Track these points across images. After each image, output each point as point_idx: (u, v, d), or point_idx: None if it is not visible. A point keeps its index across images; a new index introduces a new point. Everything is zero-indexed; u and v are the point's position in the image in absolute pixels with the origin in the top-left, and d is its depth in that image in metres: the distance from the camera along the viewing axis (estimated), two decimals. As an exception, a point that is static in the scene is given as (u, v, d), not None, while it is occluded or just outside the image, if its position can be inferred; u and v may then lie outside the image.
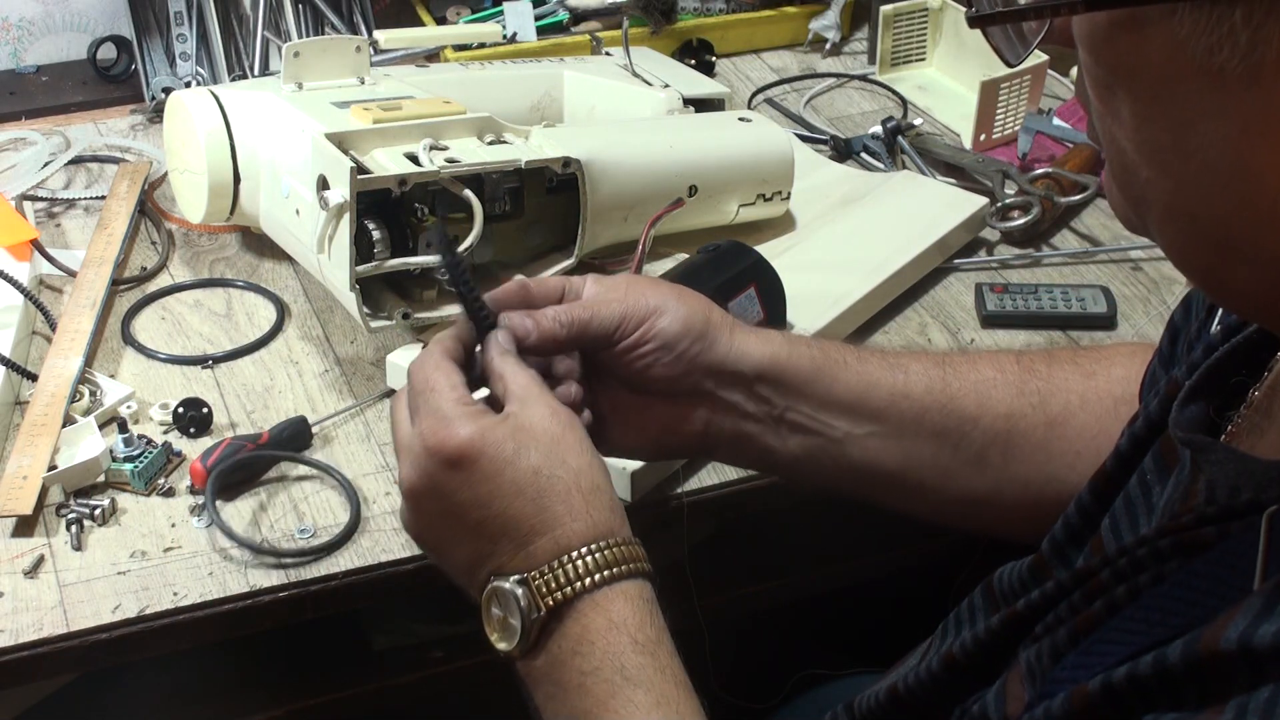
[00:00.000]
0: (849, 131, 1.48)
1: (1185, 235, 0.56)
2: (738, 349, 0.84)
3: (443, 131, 1.11)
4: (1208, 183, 0.52)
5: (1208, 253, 0.56)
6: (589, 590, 0.71)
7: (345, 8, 1.51)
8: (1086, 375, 0.90)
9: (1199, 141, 0.52)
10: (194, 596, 0.93)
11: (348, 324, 1.18)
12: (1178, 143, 0.52)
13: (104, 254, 1.22)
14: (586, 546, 0.72)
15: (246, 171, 1.17)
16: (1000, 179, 1.35)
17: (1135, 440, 0.72)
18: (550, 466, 0.72)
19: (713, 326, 0.84)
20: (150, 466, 1.01)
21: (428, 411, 0.74)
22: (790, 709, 1.12)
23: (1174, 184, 0.54)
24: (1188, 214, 0.55)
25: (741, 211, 1.26)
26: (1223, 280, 0.57)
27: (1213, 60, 0.49)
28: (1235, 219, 0.53)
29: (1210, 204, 0.53)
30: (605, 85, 1.38)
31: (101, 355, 1.15)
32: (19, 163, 1.36)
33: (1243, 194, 0.52)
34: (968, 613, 0.80)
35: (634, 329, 0.82)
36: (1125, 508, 0.70)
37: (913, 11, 1.58)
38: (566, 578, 0.71)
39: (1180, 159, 0.53)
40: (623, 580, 0.72)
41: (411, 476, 0.74)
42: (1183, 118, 0.52)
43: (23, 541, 0.97)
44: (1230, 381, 0.67)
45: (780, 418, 0.85)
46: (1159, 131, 0.53)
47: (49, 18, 1.57)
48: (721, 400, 0.85)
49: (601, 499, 0.74)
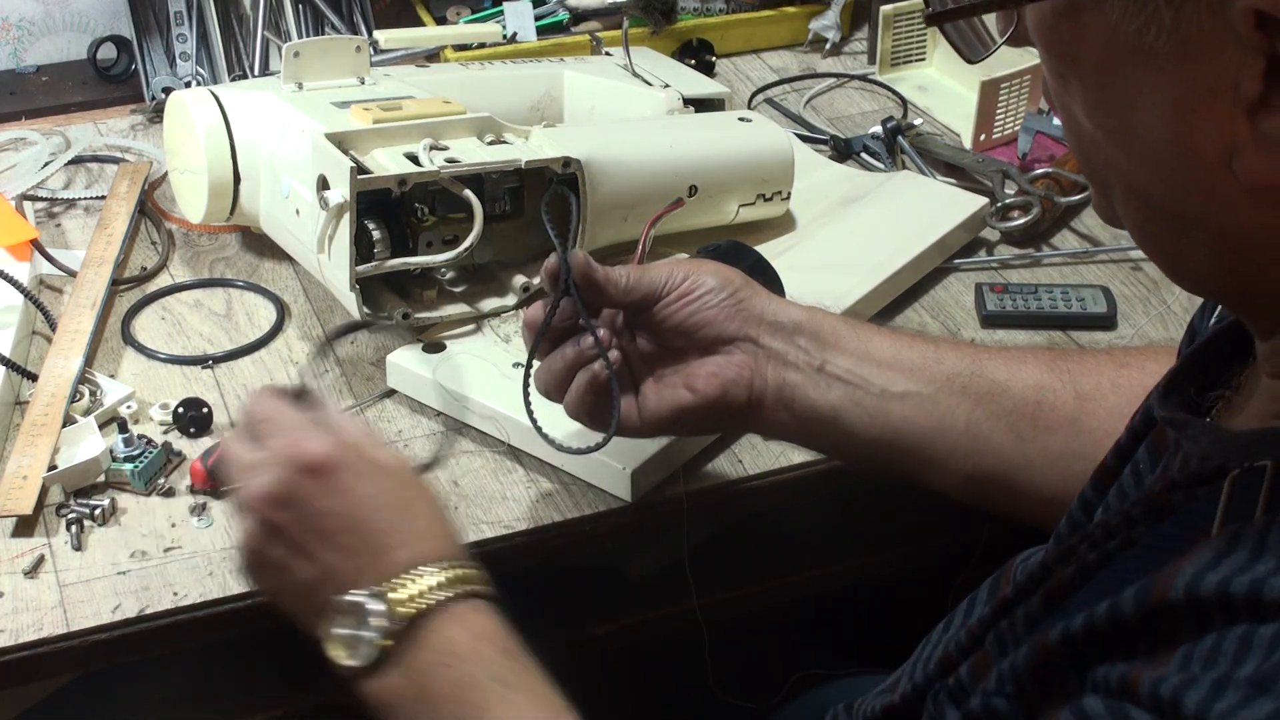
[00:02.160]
0: (849, 131, 1.48)
1: (1144, 215, 0.58)
2: (775, 304, 0.91)
3: (443, 131, 1.11)
4: (1153, 160, 0.55)
5: (1166, 231, 0.58)
6: (446, 604, 0.73)
7: (345, 8, 1.51)
8: (1120, 365, 0.92)
9: (1141, 120, 0.54)
10: (194, 596, 0.93)
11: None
12: (1124, 124, 0.55)
13: (104, 254, 1.22)
14: (440, 564, 0.74)
15: (246, 171, 1.17)
16: (1000, 179, 1.35)
17: (1134, 434, 0.73)
18: (411, 487, 0.76)
19: (749, 285, 0.91)
20: (150, 466, 1.01)
21: (279, 429, 0.76)
22: (789, 709, 1.12)
23: (1127, 164, 0.57)
24: (1143, 193, 0.57)
25: (741, 211, 1.26)
26: (1182, 259, 0.59)
27: (1143, 41, 0.52)
28: (1184, 194, 0.55)
29: (1159, 181, 0.55)
30: (605, 85, 1.38)
31: (101, 355, 1.15)
32: (19, 163, 1.36)
33: (1185, 168, 0.54)
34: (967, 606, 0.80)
35: (680, 280, 0.89)
36: (1118, 494, 0.71)
37: (913, 11, 1.58)
38: (422, 590, 0.72)
39: (1128, 139, 0.55)
40: (474, 598, 0.74)
41: (266, 486, 0.74)
42: (1124, 99, 0.54)
43: (23, 541, 0.97)
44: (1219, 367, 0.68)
45: (820, 368, 0.90)
46: (1106, 115, 0.56)
47: (49, 18, 1.57)
48: (765, 348, 0.90)
49: (450, 528, 0.78)
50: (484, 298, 1.15)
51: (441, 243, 1.10)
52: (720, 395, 0.89)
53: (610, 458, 1.00)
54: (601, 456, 1.00)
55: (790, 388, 0.89)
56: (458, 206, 1.09)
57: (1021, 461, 0.89)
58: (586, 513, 1.01)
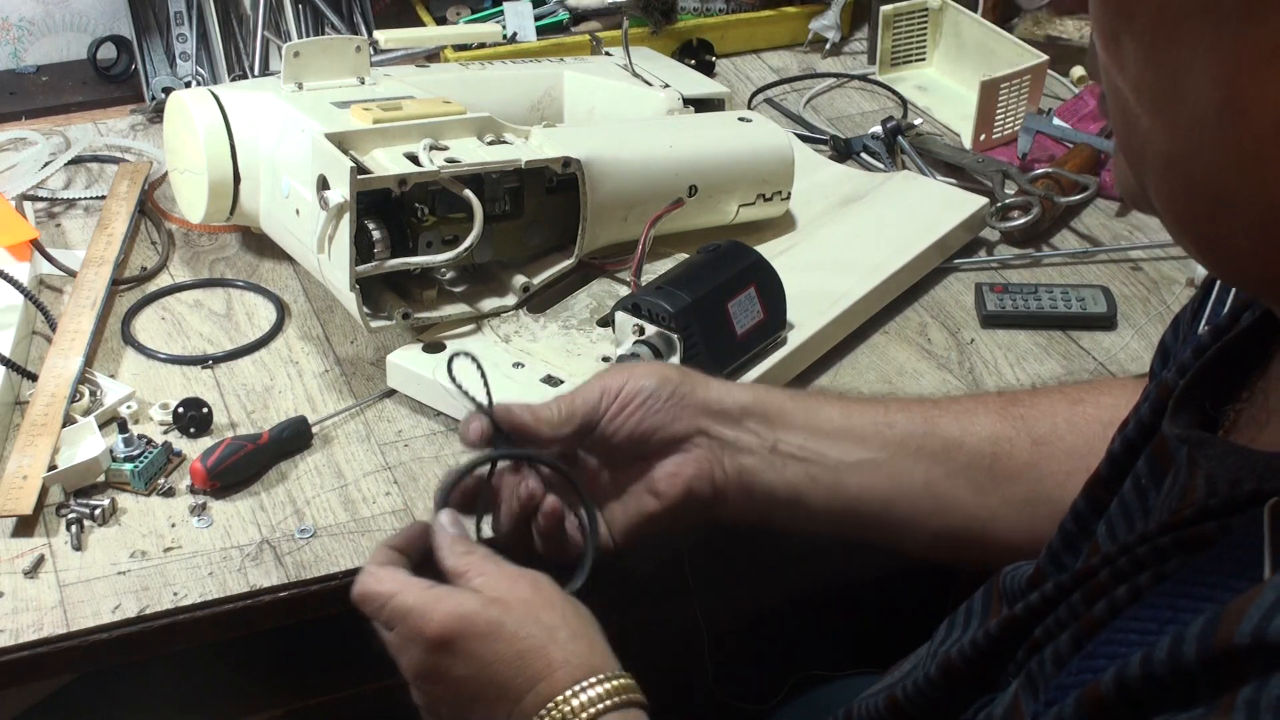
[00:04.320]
0: (849, 131, 1.48)
1: (1182, 192, 0.56)
2: (717, 390, 0.89)
3: (443, 131, 1.11)
4: (1203, 126, 0.53)
5: (1204, 213, 0.56)
6: (608, 711, 0.74)
7: (345, 8, 1.51)
8: (1073, 402, 0.91)
9: (1195, 83, 0.52)
10: (194, 596, 0.93)
11: (348, 324, 1.18)
12: (1175, 87, 0.53)
13: (104, 254, 1.22)
14: (572, 689, 0.74)
15: (246, 171, 1.17)
16: (1000, 179, 1.35)
17: (1128, 444, 0.72)
18: (526, 628, 0.76)
19: (688, 376, 0.89)
20: (150, 466, 1.01)
21: (397, 615, 0.77)
22: (789, 710, 1.12)
23: (1170, 133, 0.54)
24: (1184, 170, 0.55)
25: (741, 211, 1.26)
26: (1221, 244, 0.56)
27: None
28: (1228, 168, 0.53)
29: (1204, 154, 0.53)
30: (605, 85, 1.38)
31: (101, 355, 1.15)
32: (19, 163, 1.36)
33: (1233, 138, 0.52)
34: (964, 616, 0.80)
35: (616, 393, 0.87)
36: (1121, 511, 0.70)
37: (913, 11, 1.58)
38: (584, 703, 0.74)
39: (1177, 108, 0.53)
40: (619, 710, 0.74)
41: (410, 666, 0.78)
42: (1180, 59, 0.52)
43: (23, 541, 0.97)
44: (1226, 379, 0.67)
45: (774, 448, 0.89)
46: (1157, 76, 0.54)
47: (49, 18, 1.57)
48: (717, 438, 0.89)
49: (580, 644, 0.77)
50: (484, 298, 1.15)
51: (441, 243, 1.10)
52: (685, 495, 0.88)
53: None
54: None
55: (748, 473, 0.89)
56: (458, 206, 1.09)
57: (985, 515, 0.89)
58: (586, 513, 1.01)
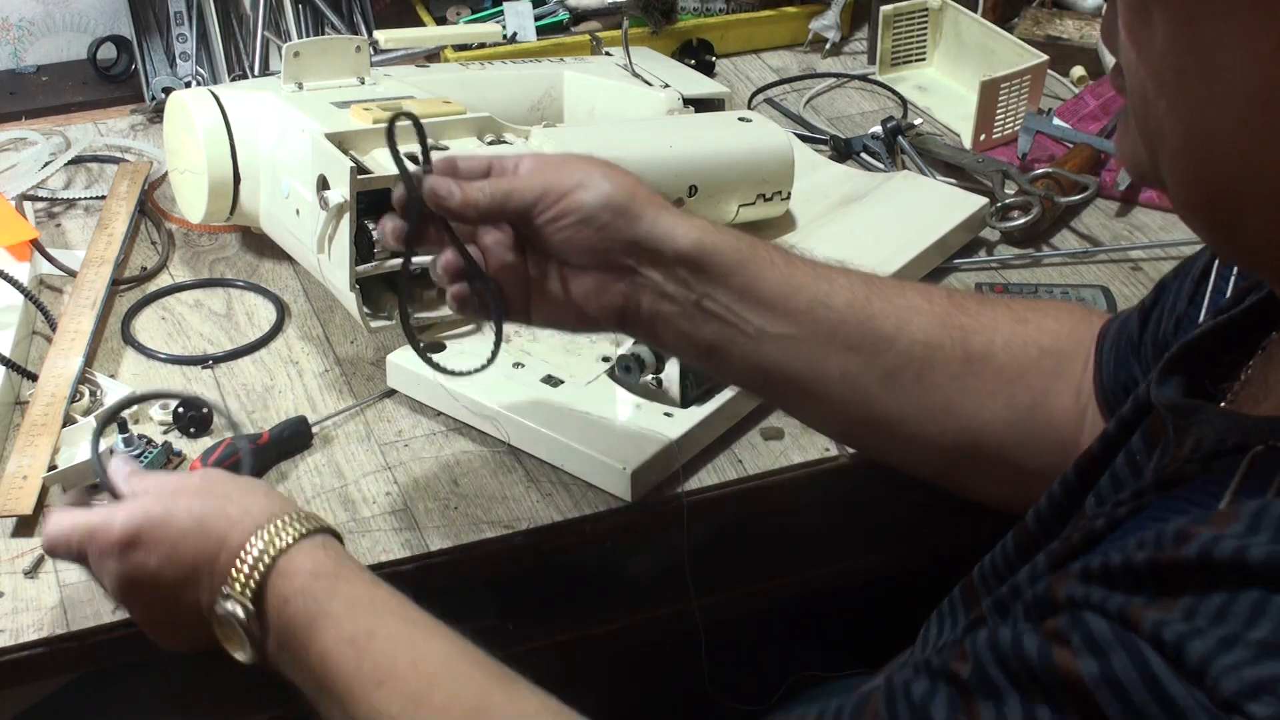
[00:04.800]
0: (849, 131, 1.48)
1: (1198, 172, 0.55)
2: (661, 229, 0.85)
3: (443, 131, 1.11)
4: (1230, 110, 0.52)
5: (1221, 193, 0.55)
6: (271, 565, 0.76)
7: (345, 8, 1.51)
8: (1017, 320, 0.89)
9: (1228, 63, 0.51)
10: (194, 596, 0.93)
11: (348, 324, 1.18)
12: (1205, 67, 0.52)
13: (104, 254, 1.22)
14: (251, 538, 0.77)
15: (246, 171, 1.17)
16: (1000, 179, 1.35)
17: (1122, 423, 0.72)
18: (199, 502, 0.79)
19: (636, 203, 0.85)
20: (150, 466, 1.01)
21: (85, 539, 0.80)
22: (786, 711, 1.11)
23: (1194, 111, 0.54)
24: (1204, 147, 0.54)
25: (741, 211, 1.26)
26: (1230, 225, 0.56)
27: None
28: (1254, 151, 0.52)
29: (1229, 134, 0.53)
30: (605, 85, 1.38)
31: (101, 355, 1.15)
32: (19, 163, 1.36)
33: (1265, 121, 0.51)
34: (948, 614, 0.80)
35: (553, 202, 0.84)
36: (1111, 483, 0.70)
37: (913, 11, 1.58)
38: (249, 568, 0.76)
39: (1205, 84, 0.53)
40: (310, 537, 0.78)
41: (112, 584, 0.80)
42: (1214, 37, 0.52)
43: (23, 541, 0.97)
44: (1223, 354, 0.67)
45: (697, 304, 0.86)
46: (1187, 52, 0.53)
47: (49, 18, 1.57)
48: (641, 278, 0.86)
49: (256, 498, 0.80)
50: (484, 298, 1.14)
51: (441, 243, 1.09)
52: (599, 313, 0.87)
53: (610, 458, 1.00)
54: (601, 456, 1.00)
55: (663, 319, 0.87)
56: (458, 206, 1.09)
57: (896, 414, 0.88)
58: (586, 513, 1.01)
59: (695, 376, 1.04)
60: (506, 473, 1.04)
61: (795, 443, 1.07)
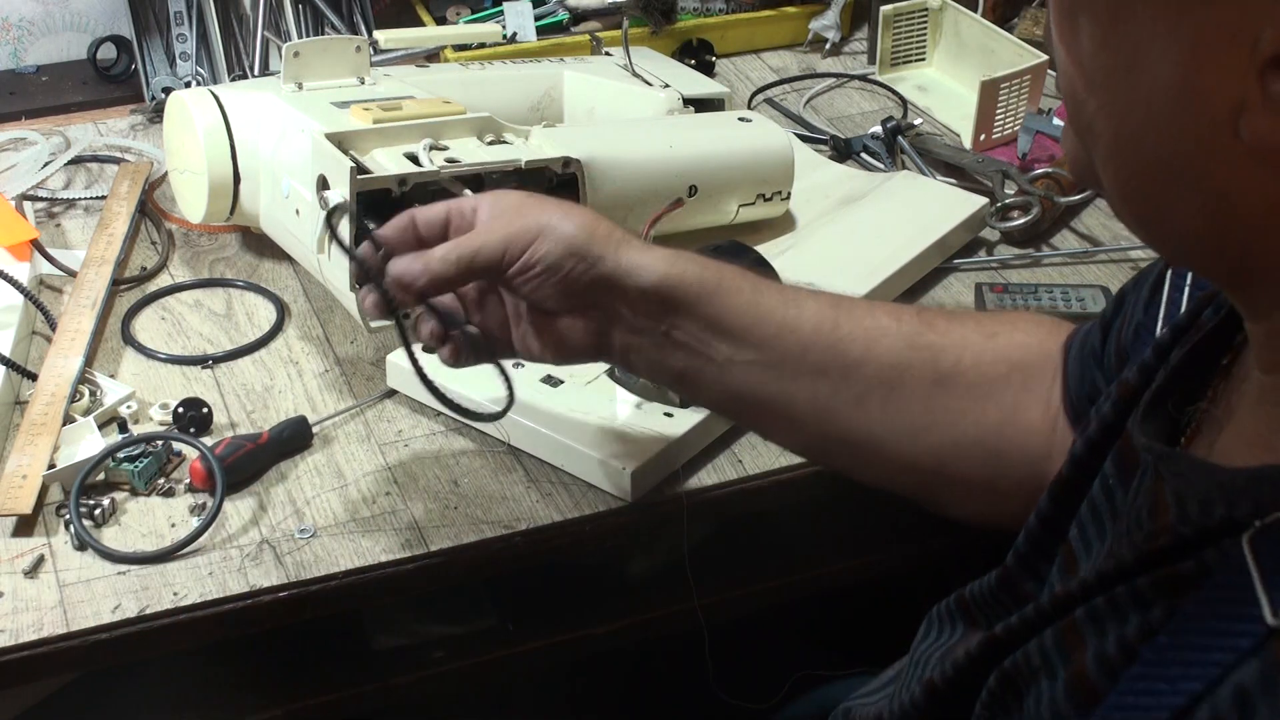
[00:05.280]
0: (849, 131, 1.48)
1: (1130, 168, 0.56)
2: (625, 266, 0.86)
3: (443, 131, 1.11)
4: (1155, 108, 0.52)
5: (1152, 188, 0.55)
6: None
7: (345, 8, 1.51)
8: (986, 336, 0.89)
9: (1150, 63, 0.52)
10: (194, 596, 0.93)
11: (348, 324, 1.18)
12: (1129, 66, 0.53)
13: (104, 254, 1.22)
14: None
15: (246, 171, 1.17)
16: (1000, 179, 1.35)
17: (1091, 445, 0.71)
18: None
19: (597, 243, 0.85)
20: (150, 466, 1.01)
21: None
22: (790, 710, 1.12)
23: (1122, 111, 0.54)
24: (1133, 144, 0.54)
25: (741, 211, 1.26)
26: (1167, 222, 0.56)
27: None
28: (1181, 146, 0.52)
29: (1156, 131, 0.53)
30: (605, 85, 1.38)
31: (101, 355, 1.15)
32: (19, 163, 1.36)
33: (1188, 118, 0.51)
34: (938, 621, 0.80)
35: (519, 254, 0.84)
36: (1091, 514, 0.69)
37: (913, 11, 1.58)
38: None
39: (1130, 83, 0.53)
40: None
41: None
42: (1136, 37, 0.52)
43: (23, 541, 0.97)
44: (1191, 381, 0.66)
45: (665, 334, 0.87)
46: (1113, 53, 0.53)
47: (49, 18, 1.57)
48: (610, 314, 0.87)
49: None
50: (484, 298, 1.14)
51: (441, 243, 1.09)
52: (573, 351, 0.89)
53: (610, 458, 1.00)
54: (601, 456, 1.00)
55: (635, 350, 0.88)
56: (458, 206, 1.09)
57: (869, 434, 0.88)
58: (586, 513, 1.01)
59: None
60: (506, 473, 1.04)
61: (795, 443, 1.07)
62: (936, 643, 0.79)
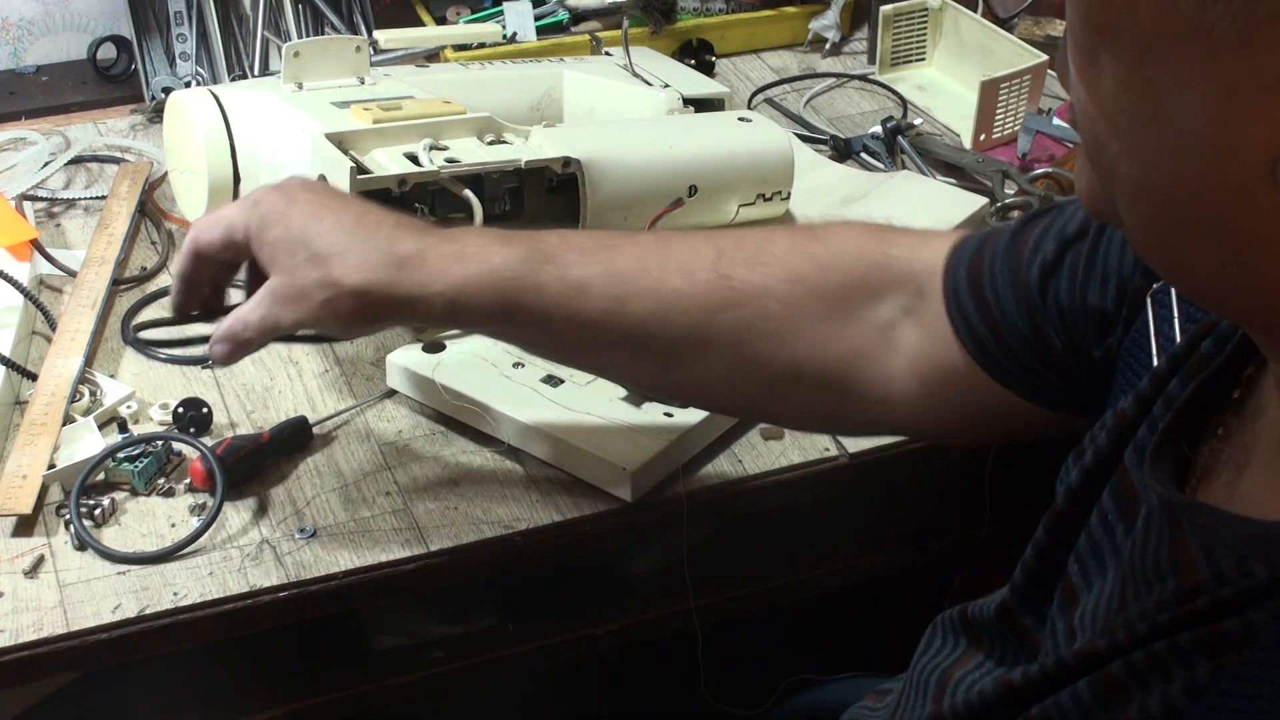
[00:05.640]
0: (849, 131, 1.48)
1: (1155, 213, 0.53)
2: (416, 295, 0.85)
3: (443, 131, 1.11)
4: (1185, 155, 0.50)
5: (1178, 235, 0.53)
6: None
7: (345, 8, 1.51)
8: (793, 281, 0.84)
9: (1180, 109, 0.49)
10: (194, 596, 0.93)
11: (348, 324, 1.18)
12: (1157, 111, 0.50)
13: (104, 254, 1.22)
14: None
15: (246, 171, 1.17)
16: (1000, 179, 1.35)
17: (1086, 477, 0.69)
18: None
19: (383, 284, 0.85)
20: (150, 466, 1.01)
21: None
22: (780, 714, 1.11)
23: (1149, 156, 0.51)
24: (1161, 189, 0.52)
25: (741, 211, 1.26)
26: (1192, 266, 0.54)
27: (1204, 18, 0.47)
28: (1212, 194, 0.50)
29: (1186, 179, 0.51)
30: (605, 85, 1.38)
31: (101, 355, 1.15)
32: (19, 163, 1.36)
33: (1219, 166, 0.49)
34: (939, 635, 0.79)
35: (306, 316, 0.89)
36: (1091, 549, 0.68)
37: (913, 11, 1.58)
38: None
39: (1158, 128, 0.50)
40: None
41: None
42: (1166, 82, 0.49)
43: (23, 541, 0.97)
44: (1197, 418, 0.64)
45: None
46: (1139, 98, 0.50)
47: (49, 18, 1.57)
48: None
49: None
50: (484, 298, 1.14)
51: (441, 243, 1.09)
52: None
53: (610, 458, 1.00)
54: (602, 456, 1.00)
55: None
56: (458, 206, 1.09)
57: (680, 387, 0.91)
58: (586, 513, 1.01)
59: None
60: (506, 473, 1.04)
61: (795, 443, 1.07)
62: (937, 657, 0.78)
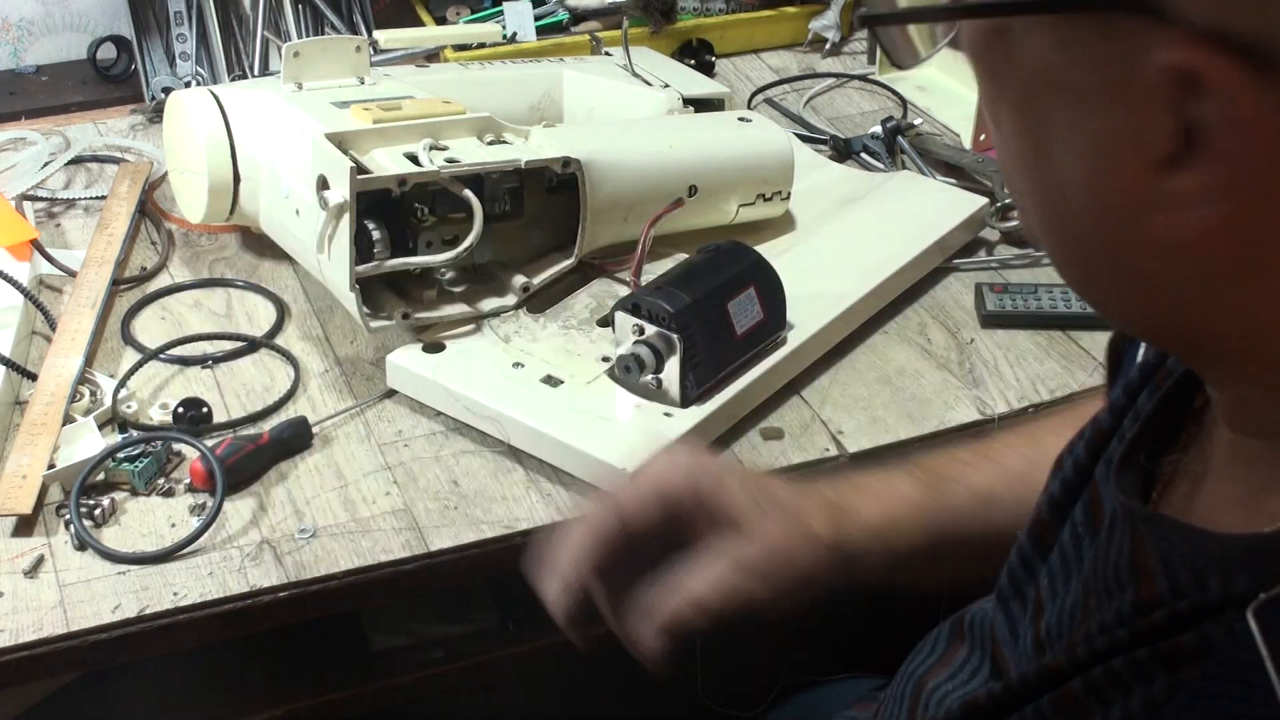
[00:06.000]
0: (849, 131, 1.48)
1: (1065, 251, 0.54)
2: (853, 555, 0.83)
3: (443, 131, 1.11)
4: (1071, 199, 0.51)
5: (1085, 269, 0.54)
6: None
7: (345, 8, 1.51)
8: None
9: (1061, 157, 0.50)
10: (194, 596, 0.93)
11: (348, 324, 1.18)
12: (1042, 160, 0.51)
13: (104, 254, 1.22)
14: None
15: (246, 171, 1.17)
16: (1000, 179, 1.35)
17: (1066, 486, 0.70)
18: None
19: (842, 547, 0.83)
20: (150, 466, 1.01)
21: None
22: (775, 716, 1.11)
23: (1044, 198, 0.53)
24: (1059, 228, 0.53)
25: (741, 211, 1.26)
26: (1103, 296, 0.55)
27: (1067, 76, 0.48)
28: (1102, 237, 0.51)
29: (1076, 220, 0.52)
30: (605, 85, 1.38)
31: (101, 355, 1.15)
32: (19, 163, 1.36)
33: (1101, 212, 0.50)
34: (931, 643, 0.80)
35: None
36: (1061, 563, 0.68)
37: (913, 11, 1.58)
38: None
39: (1046, 173, 0.52)
40: None
41: None
42: (1044, 133, 0.51)
43: (23, 541, 0.97)
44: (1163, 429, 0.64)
45: None
46: (1027, 147, 0.52)
47: (49, 18, 1.57)
48: None
49: None
50: (484, 298, 1.15)
51: (441, 243, 1.10)
52: None
53: (610, 458, 1.00)
54: (602, 456, 1.00)
55: None
56: (458, 206, 1.09)
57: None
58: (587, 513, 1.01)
59: (695, 376, 1.04)
60: (506, 473, 1.04)
61: (795, 443, 1.07)
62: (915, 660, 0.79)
